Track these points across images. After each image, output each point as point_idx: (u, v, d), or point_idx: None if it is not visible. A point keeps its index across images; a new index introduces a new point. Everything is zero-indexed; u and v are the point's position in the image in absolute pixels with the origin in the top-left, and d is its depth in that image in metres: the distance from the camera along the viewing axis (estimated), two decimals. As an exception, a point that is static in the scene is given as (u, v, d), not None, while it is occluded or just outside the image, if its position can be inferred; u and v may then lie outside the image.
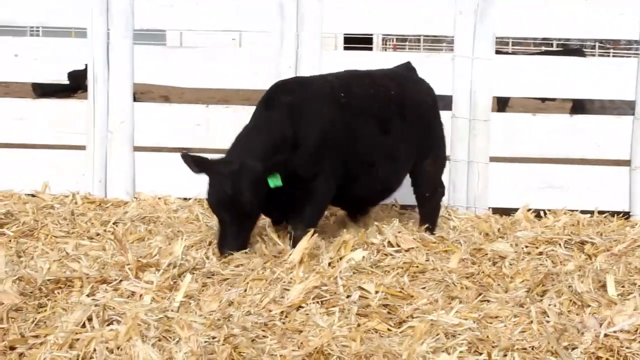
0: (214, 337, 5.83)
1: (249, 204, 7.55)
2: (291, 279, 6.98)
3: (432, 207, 9.45)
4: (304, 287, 6.68)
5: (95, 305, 6.19)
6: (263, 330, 6.03)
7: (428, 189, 9.34)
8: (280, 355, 5.60)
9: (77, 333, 5.82)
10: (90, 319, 6.02)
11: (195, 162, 7.76)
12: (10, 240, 8.31)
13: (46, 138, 10.93)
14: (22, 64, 10.91)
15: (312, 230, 7.70)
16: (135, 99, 10.99)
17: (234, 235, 7.61)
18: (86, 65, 10.72)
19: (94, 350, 5.61)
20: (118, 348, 5.65)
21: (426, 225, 9.11)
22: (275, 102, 8.14)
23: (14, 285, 6.63)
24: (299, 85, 8.58)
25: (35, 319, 6.13)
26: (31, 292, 6.62)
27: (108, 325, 6.03)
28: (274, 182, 7.56)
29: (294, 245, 7.71)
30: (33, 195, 10.45)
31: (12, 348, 5.73)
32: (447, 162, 10.41)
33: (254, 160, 7.61)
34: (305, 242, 7.47)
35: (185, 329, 5.96)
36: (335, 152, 8.21)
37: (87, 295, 6.55)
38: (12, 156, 10.96)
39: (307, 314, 6.35)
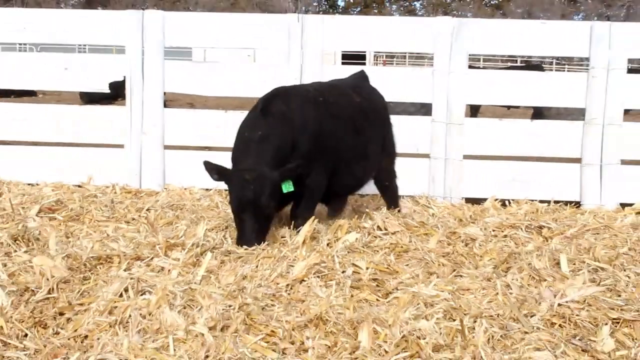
0: (230, 306, 5.82)
1: (268, 207, 7.50)
2: (295, 257, 6.96)
3: (393, 192, 9.57)
4: (306, 264, 6.67)
5: (131, 279, 6.21)
6: (271, 300, 6.03)
7: (387, 179, 9.46)
8: (286, 321, 5.58)
9: (115, 302, 5.83)
10: (126, 290, 6.02)
11: (217, 170, 7.69)
12: (60, 224, 8.30)
13: (91, 138, 10.93)
14: (72, 76, 10.91)
15: (312, 217, 7.71)
16: (165, 106, 10.98)
17: (254, 232, 7.47)
18: (124, 77, 10.73)
19: (130, 316, 5.63)
20: (150, 314, 5.67)
21: (394, 207, 9.31)
22: (272, 112, 7.98)
23: (63, 261, 6.63)
24: (288, 95, 8.36)
25: (81, 289, 6.14)
26: (77, 267, 6.62)
27: (141, 295, 6.05)
28: (287, 187, 7.55)
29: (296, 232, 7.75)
30: (79, 186, 10.46)
31: (61, 314, 5.76)
32: (427, 159, 10.45)
33: (270, 169, 7.54)
34: (308, 227, 7.48)
35: (206, 298, 5.96)
36: (324, 151, 8.15)
37: (124, 270, 6.55)
38: (63, 153, 10.96)
39: (309, 287, 6.34)
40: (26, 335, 5.45)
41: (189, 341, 5.33)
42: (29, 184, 10.46)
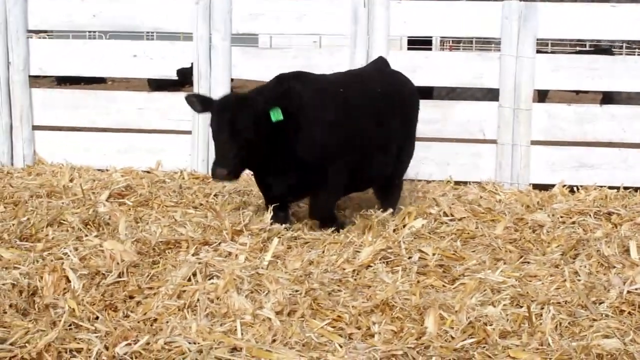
0: (296, 290, 5.87)
1: (248, 132, 6.89)
2: (362, 242, 7.01)
3: (398, 191, 8.84)
4: (373, 249, 6.70)
5: (199, 263, 6.28)
6: (338, 285, 6.08)
7: (397, 176, 8.78)
8: (352, 306, 5.62)
9: (184, 286, 5.92)
10: (194, 274, 6.10)
11: (200, 100, 7.33)
12: (129, 209, 8.40)
13: (159, 124, 11.03)
14: (140, 63, 11.03)
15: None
16: (232, 92, 11.04)
17: (228, 155, 6.93)
18: (192, 63, 10.81)
19: (198, 300, 5.70)
20: (217, 298, 5.74)
21: (391, 209, 8.31)
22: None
23: (133, 246, 6.73)
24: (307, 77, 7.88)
25: (150, 273, 6.23)
26: (146, 252, 6.71)
27: (209, 279, 6.11)
28: (276, 116, 6.94)
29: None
30: (148, 172, 10.58)
31: (131, 297, 5.87)
32: (494, 145, 10.39)
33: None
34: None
35: (273, 283, 6.02)
36: (343, 145, 7.63)
37: (192, 255, 6.62)
38: (132, 139, 11.08)
39: (375, 272, 6.38)
40: (97, 317, 5.54)
41: (256, 325, 5.38)
42: (99, 170, 10.57)
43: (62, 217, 7.80)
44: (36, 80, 11.37)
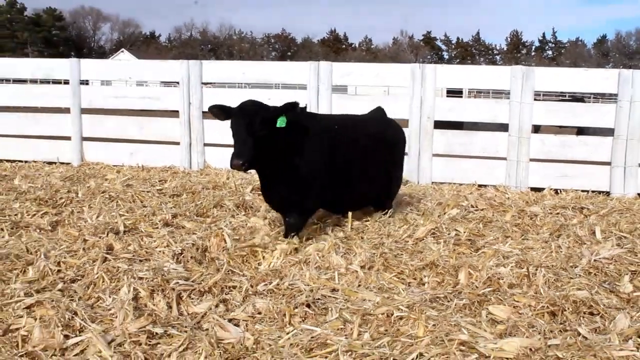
0: (373, 253, 5.96)
1: (261, 131, 5.92)
2: (418, 223, 7.06)
3: (388, 204, 7.71)
4: (426, 228, 6.76)
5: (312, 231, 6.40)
6: (401, 252, 6.13)
7: (389, 203, 7.75)
8: (411, 264, 5.70)
9: (300, 246, 6.11)
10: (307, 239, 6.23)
11: (222, 110, 6.21)
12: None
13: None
14: (271, 103, 11.09)
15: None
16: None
17: (246, 147, 5.87)
18: (305, 104, 10.85)
19: (310, 256, 5.86)
20: (323, 256, 5.86)
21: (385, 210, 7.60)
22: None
23: (268, 221, 6.90)
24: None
25: (277, 237, 6.35)
26: (278, 226, 6.84)
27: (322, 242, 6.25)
28: (281, 122, 6.04)
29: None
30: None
31: (263, 257, 5.95)
32: (505, 161, 10.33)
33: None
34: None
35: (359, 248, 6.12)
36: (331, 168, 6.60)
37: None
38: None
39: (426, 243, 6.43)
40: (242, 265, 5.71)
41: (347, 275, 5.49)
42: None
43: (222, 202, 8.00)
44: (205, 114, 11.56)
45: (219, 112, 6.21)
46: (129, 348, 4.06)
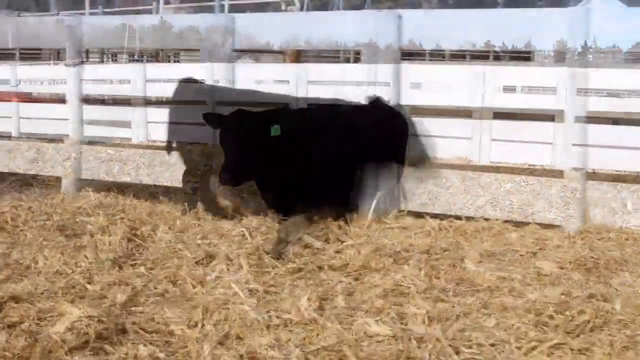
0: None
1: (248, 143, 5.23)
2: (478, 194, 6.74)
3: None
4: (484, 199, 6.65)
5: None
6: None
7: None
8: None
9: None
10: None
11: (215, 118, 5.50)
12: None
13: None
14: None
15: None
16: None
17: (234, 163, 5.18)
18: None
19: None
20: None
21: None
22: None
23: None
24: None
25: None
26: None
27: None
28: (274, 131, 5.33)
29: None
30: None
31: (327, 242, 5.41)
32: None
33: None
34: None
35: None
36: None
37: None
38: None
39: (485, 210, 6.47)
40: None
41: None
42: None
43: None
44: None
45: (211, 119, 5.58)
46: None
